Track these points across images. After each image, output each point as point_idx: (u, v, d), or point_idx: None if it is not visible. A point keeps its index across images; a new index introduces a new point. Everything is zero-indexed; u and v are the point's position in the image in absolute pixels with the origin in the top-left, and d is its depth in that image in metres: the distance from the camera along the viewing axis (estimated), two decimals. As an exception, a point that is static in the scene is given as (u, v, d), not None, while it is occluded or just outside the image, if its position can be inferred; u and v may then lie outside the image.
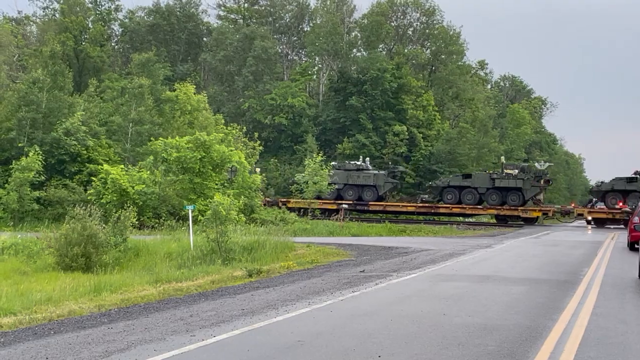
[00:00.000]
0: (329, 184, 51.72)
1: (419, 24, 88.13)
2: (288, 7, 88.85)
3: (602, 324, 11.94)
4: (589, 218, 53.83)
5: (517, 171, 53.25)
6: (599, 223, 52.31)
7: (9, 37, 66.96)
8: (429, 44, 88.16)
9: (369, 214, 56.90)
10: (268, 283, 18.10)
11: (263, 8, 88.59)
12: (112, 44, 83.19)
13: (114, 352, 9.82)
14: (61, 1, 74.11)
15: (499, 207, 53.13)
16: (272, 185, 64.87)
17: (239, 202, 29.03)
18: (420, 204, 55.59)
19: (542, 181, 54.01)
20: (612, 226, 50.87)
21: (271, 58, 78.61)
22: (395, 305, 13.83)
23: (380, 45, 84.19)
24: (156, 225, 36.36)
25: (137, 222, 28.51)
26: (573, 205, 65.45)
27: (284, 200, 55.86)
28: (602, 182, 55.31)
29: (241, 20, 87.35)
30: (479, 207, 53.82)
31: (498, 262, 23.56)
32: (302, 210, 50.95)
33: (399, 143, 71.45)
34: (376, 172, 56.45)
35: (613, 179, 54.61)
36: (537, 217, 52.89)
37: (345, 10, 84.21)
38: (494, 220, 55.86)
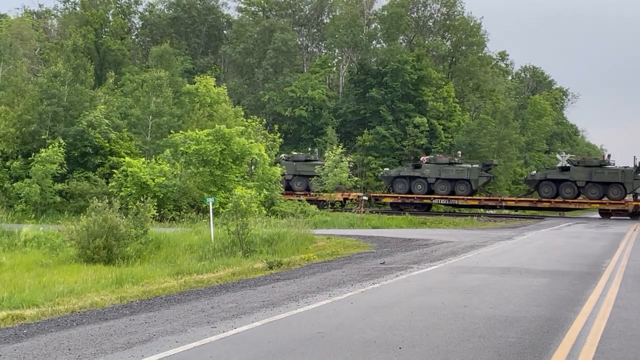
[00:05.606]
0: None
1: (439, 15, 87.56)
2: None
3: (624, 316, 11.86)
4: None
5: None
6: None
7: (30, 31, 67.50)
8: (449, 35, 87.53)
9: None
10: (288, 275, 18.13)
11: (282, 0, 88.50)
12: (133, 37, 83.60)
13: (135, 344, 9.88)
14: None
15: None
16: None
17: (260, 196, 29.02)
18: None
19: None
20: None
21: (291, 50, 78.47)
22: (416, 297, 13.81)
23: (400, 37, 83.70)
24: (177, 217, 36.50)
25: (157, 215, 28.58)
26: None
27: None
28: (536, 172, 55.89)
29: (261, 13, 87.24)
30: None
31: (519, 254, 23.46)
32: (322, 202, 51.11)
33: (419, 135, 71.15)
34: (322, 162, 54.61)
35: (547, 169, 55.78)
36: None
37: (365, 2, 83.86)
38: None
